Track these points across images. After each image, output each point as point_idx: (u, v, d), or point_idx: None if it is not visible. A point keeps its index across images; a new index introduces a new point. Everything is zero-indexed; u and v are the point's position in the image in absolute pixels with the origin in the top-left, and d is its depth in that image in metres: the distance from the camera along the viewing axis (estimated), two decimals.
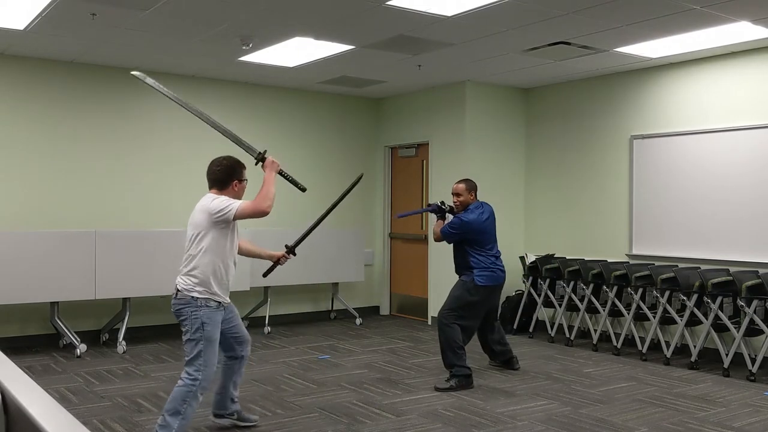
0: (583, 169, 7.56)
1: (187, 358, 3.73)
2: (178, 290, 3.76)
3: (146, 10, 5.12)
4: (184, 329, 3.74)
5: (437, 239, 5.57)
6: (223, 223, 3.78)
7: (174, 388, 3.73)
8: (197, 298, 3.70)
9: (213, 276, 3.75)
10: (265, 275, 4.59)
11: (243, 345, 4.09)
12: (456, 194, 5.49)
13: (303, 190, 4.20)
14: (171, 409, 3.65)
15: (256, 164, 4.14)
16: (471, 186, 5.51)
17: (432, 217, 6.57)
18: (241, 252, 4.16)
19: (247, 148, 4.24)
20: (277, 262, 4.36)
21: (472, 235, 5.35)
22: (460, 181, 5.57)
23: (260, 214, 3.74)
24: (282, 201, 8.02)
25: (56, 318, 6.32)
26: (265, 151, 4.19)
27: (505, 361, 5.86)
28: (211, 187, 3.99)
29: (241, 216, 3.75)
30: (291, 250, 4.39)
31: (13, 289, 5.99)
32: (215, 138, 7.74)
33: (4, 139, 6.61)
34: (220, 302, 3.79)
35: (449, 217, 5.58)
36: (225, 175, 3.95)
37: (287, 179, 4.13)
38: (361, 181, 4.94)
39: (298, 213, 7.53)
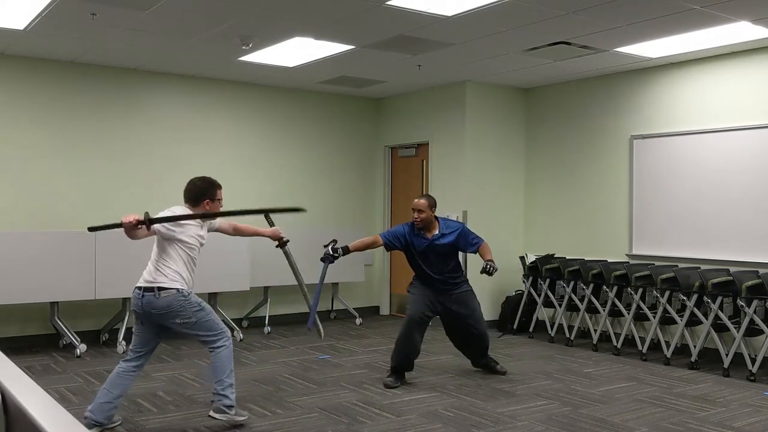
0: (583, 169, 7.56)
1: (205, 338, 4.10)
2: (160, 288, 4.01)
3: (146, 10, 5.12)
4: (180, 322, 4.06)
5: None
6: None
7: (213, 361, 4.10)
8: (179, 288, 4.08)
9: None
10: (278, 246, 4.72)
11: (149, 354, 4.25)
12: (418, 210, 5.33)
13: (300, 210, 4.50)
14: (221, 375, 4.09)
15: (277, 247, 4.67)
16: (432, 202, 5.43)
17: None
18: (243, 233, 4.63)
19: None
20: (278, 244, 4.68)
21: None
22: (422, 197, 5.44)
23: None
24: (279, 202, 8.04)
25: (56, 318, 6.32)
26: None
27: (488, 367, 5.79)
28: (185, 201, 4.23)
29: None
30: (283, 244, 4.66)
31: (13, 289, 5.98)
32: (215, 138, 7.77)
33: (3, 139, 6.60)
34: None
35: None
36: (196, 195, 4.21)
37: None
38: (361, 181, 5.01)
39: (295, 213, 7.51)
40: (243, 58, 6.65)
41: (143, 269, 4.15)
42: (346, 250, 5.27)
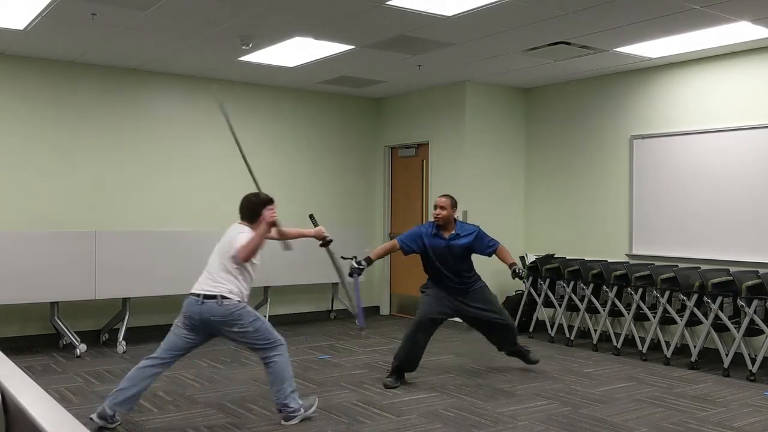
0: (583, 169, 7.56)
1: (261, 346, 4.22)
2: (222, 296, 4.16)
3: (146, 10, 5.12)
4: (238, 332, 4.18)
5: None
6: None
7: (269, 375, 4.23)
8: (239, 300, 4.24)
9: None
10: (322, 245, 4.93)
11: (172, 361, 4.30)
12: (441, 207, 5.44)
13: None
14: (281, 384, 4.20)
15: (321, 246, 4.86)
16: (454, 202, 5.57)
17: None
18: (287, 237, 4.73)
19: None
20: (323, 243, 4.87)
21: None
22: (445, 196, 5.57)
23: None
24: (279, 202, 8.03)
25: (56, 318, 6.32)
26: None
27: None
28: (242, 218, 4.49)
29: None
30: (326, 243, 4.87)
31: (13, 289, 5.98)
32: (215, 139, 7.77)
33: (3, 139, 6.60)
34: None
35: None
36: (253, 211, 4.46)
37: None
38: (361, 181, 5.21)
39: (292, 212, 7.51)
40: (243, 58, 6.65)
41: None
42: (369, 261, 5.46)
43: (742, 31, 5.54)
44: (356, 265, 5.35)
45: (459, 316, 5.60)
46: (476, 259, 5.64)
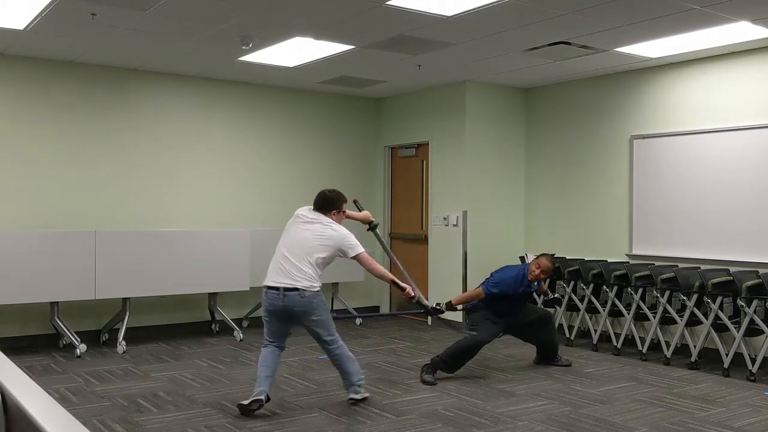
0: (583, 169, 7.56)
1: (326, 337, 4.58)
2: (298, 289, 4.46)
3: (146, 10, 5.12)
4: (313, 319, 4.52)
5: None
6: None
7: (337, 362, 4.64)
8: (318, 289, 4.57)
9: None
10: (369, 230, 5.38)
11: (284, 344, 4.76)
12: (546, 272, 5.65)
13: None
14: (348, 365, 4.65)
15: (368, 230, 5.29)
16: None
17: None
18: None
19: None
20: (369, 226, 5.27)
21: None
22: (551, 260, 5.73)
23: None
24: (279, 201, 8.05)
25: (56, 318, 6.32)
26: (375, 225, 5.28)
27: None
28: (316, 209, 4.76)
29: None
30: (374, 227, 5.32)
31: (13, 289, 5.98)
32: (215, 138, 7.77)
33: (3, 139, 6.60)
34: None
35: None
36: (327, 204, 4.76)
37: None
38: (361, 181, 5.51)
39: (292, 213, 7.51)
40: (243, 58, 6.65)
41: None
42: (449, 306, 5.68)
43: (742, 31, 5.53)
44: (435, 308, 5.61)
45: (510, 332, 5.92)
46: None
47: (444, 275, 8.02)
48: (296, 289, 4.42)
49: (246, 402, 4.41)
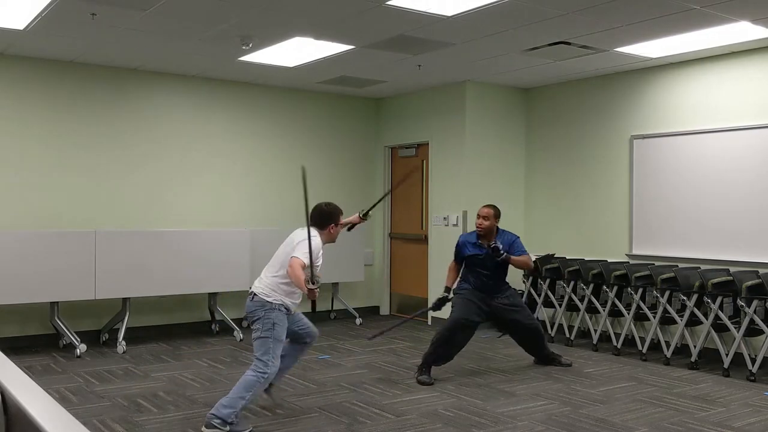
0: (583, 169, 7.56)
1: (257, 354, 4.18)
2: (255, 294, 4.28)
3: (146, 10, 5.12)
4: (254, 328, 4.24)
5: (529, 266, 5.96)
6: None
7: (242, 377, 4.16)
8: (271, 302, 4.25)
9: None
10: (349, 230, 5.18)
11: (310, 336, 4.64)
12: (484, 217, 5.67)
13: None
14: (236, 393, 4.08)
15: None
16: (498, 213, 5.78)
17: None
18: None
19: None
20: (354, 225, 5.09)
21: None
22: (489, 206, 5.77)
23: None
24: (279, 201, 8.05)
25: (56, 318, 6.32)
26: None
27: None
28: (312, 225, 4.49)
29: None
30: (365, 214, 5.07)
31: (13, 289, 5.98)
32: (215, 138, 7.77)
33: (3, 139, 6.60)
34: (287, 308, 4.32)
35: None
36: (324, 219, 4.56)
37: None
38: (361, 181, 5.31)
39: (293, 213, 7.52)
40: (243, 58, 6.65)
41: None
42: (448, 290, 5.75)
43: (742, 31, 5.53)
44: (440, 300, 5.69)
45: (493, 318, 5.88)
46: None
47: (444, 275, 7.99)
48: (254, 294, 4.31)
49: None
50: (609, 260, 6.96)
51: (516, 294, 5.98)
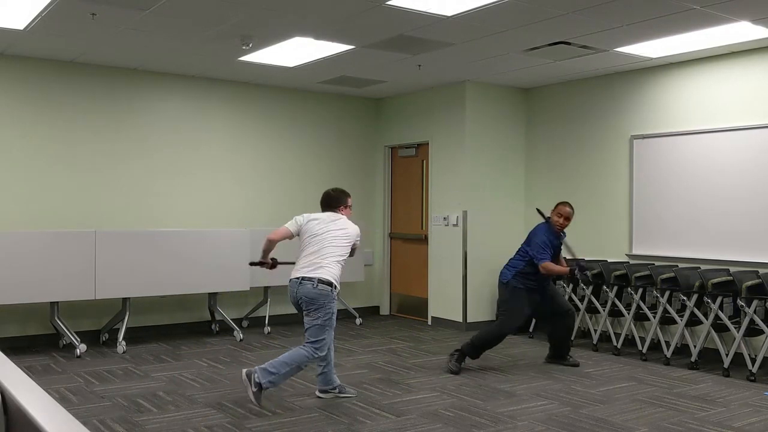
0: (583, 169, 7.56)
1: (311, 338, 4.60)
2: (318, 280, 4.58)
3: (146, 10, 5.12)
4: (313, 315, 4.60)
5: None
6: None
7: (294, 350, 4.61)
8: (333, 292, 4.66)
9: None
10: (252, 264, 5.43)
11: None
12: (568, 219, 5.91)
13: None
14: (284, 361, 4.52)
15: None
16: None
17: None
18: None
19: None
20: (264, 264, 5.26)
21: None
22: (572, 207, 5.99)
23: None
24: (279, 201, 8.05)
25: (56, 318, 6.32)
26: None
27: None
28: (323, 210, 4.91)
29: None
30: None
31: (13, 289, 5.98)
32: (215, 138, 7.77)
33: (3, 139, 6.61)
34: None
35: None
36: (333, 202, 4.90)
37: None
38: (361, 180, 5.61)
39: (293, 213, 7.52)
40: (243, 58, 6.65)
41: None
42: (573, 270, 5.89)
43: (742, 31, 5.54)
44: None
45: (536, 315, 6.43)
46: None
47: (444, 275, 8.02)
48: (311, 280, 4.60)
49: None
50: (609, 260, 6.96)
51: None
